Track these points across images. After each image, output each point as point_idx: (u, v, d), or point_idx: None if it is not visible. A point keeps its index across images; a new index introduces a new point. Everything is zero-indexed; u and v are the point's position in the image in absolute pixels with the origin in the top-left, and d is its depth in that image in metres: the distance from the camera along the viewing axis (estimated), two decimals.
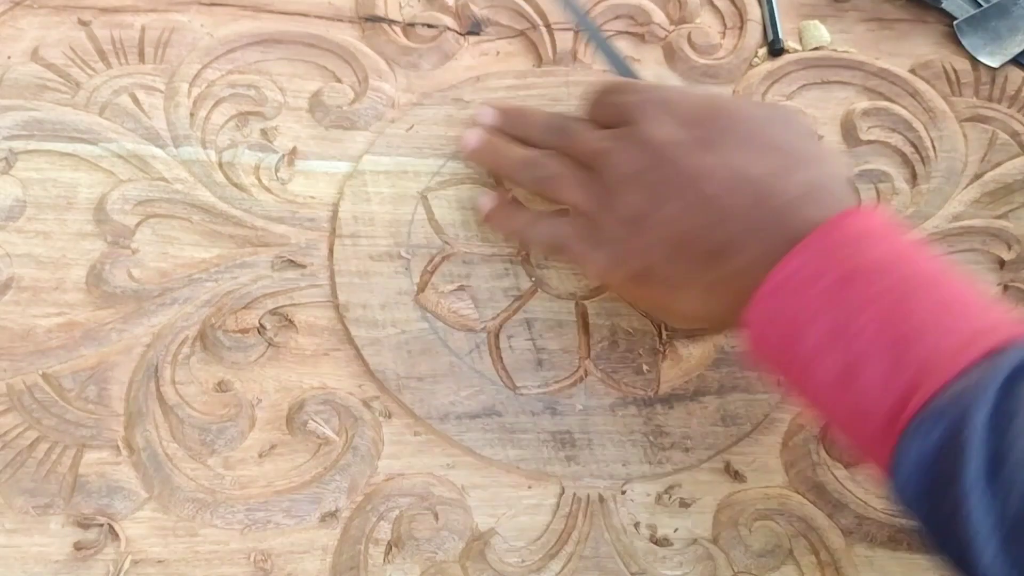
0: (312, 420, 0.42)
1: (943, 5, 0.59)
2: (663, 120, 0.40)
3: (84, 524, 0.39)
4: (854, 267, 0.33)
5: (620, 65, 0.51)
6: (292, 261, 0.46)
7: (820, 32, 0.57)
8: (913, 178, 0.53)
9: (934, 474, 0.28)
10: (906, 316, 0.31)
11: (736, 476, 0.43)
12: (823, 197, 0.36)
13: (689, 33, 0.56)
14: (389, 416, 0.43)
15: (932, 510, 0.29)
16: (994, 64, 0.57)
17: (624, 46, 0.56)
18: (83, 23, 0.52)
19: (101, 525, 0.39)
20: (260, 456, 0.42)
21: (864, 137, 0.53)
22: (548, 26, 0.55)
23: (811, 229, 0.34)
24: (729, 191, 0.37)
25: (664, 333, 0.46)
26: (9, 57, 0.50)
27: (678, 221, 0.38)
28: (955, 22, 0.58)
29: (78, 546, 0.39)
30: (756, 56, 0.56)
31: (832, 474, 0.43)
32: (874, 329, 0.31)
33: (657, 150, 0.39)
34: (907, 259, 0.33)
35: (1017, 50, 0.57)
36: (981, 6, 0.59)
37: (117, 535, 0.39)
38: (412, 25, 0.54)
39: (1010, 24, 0.58)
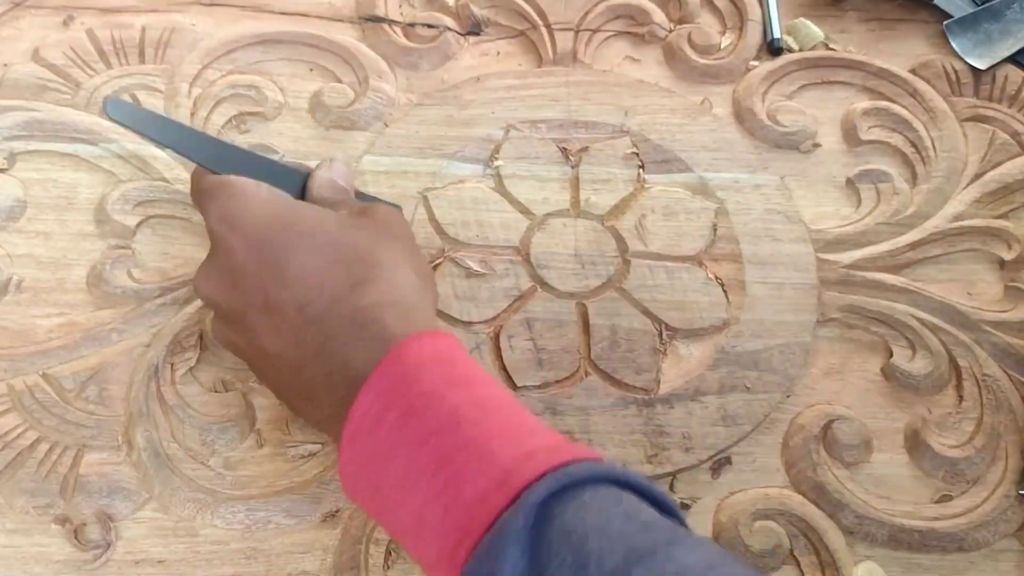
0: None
1: (940, 4, 0.59)
2: (217, 282, 0.38)
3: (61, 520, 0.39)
4: (409, 404, 0.32)
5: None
6: None
7: (811, 30, 0.57)
8: (913, 178, 0.53)
9: None
10: (451, 455, 0.31)
11: (718, 469, 0.43)
12: (382, 323, 0.35)
13: (689, 33, 0.56)
14: None
15: None
16: (981, 66, 0.57)
17: (624, 46, 0.56)
18: (66, 23, 0.51)
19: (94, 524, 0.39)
20: (259, 439, 0.42)
21: (864, 137, 0.53)
22: (548, 26, 0.55)
23: (375, 362, 0.33)
24: (296, 331, 0.36)
25: (664, 333, 0.46)
26: (6, 65, 0.50)
27: (266, 374, 0.39)
28: (945, 22, 0.58)
29: (66, 525, 0.39)
30: (754, 59, 0.56)
31: (832, 474, 0.43)
32: (427, 477, 0.31)
33: (225, 301, 0.38)
34: (455, 387, 0.33)
35: (1006, 53, 0.57)
36: (978, 5, 0.59)
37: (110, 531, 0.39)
38: (412, 25, 0.54)
39: (1002, 27, 0.58)
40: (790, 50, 0.57)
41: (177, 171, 0.47)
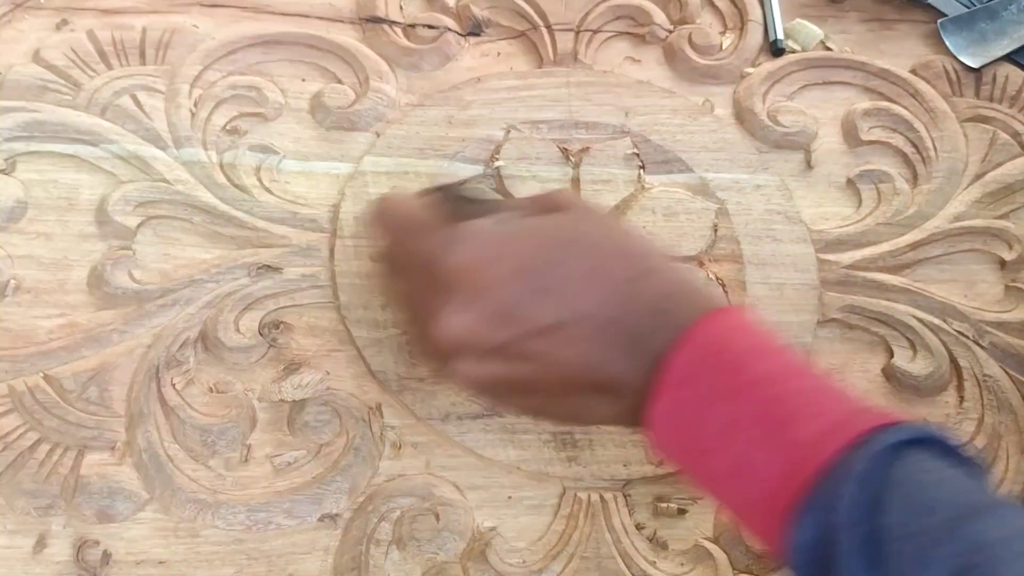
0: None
1: (938, 5, 0.59)
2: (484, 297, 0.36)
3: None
4: (727, 361, 0.33)
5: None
6: (268, 266, 0.46)
7: (809, 30, 0.57)
8: (914, 178, 0.53)
9: (818, 563, 0.29)
10: (780, 399, 0.32)
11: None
12: (672, 313, 0.35)
13: (690, 34, 0.56)
14: (400, 447, 0.43)
15: None
16: (974, 65, 0.56)
17: (625, 47, 0.56)
18: (59, 28, 0.51)
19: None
20: (244, 455, 0.42)
21: (865, 137, 0.53)
22: (549, 27, 0.55)
23: (679, 332, 0.34)
24: (590, 337, 0.35)
25: None
26: (12, 67, 0.50)
27: (550, 393, 0.37)
28: (939, 20, 0.58)
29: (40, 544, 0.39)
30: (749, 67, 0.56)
31: None
32: (753, 419, 0.32)
33: (499, 331, 0.36)
34: (771, 352, 0.34)
35: (1000, 53, 0.57)
36: (975, 5, 0.59)
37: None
38: (413, 26, 0.54)
39: (997, 27, 0.58)
40: (792, 51, 0.57)
41: (178, 172, 0.47)
